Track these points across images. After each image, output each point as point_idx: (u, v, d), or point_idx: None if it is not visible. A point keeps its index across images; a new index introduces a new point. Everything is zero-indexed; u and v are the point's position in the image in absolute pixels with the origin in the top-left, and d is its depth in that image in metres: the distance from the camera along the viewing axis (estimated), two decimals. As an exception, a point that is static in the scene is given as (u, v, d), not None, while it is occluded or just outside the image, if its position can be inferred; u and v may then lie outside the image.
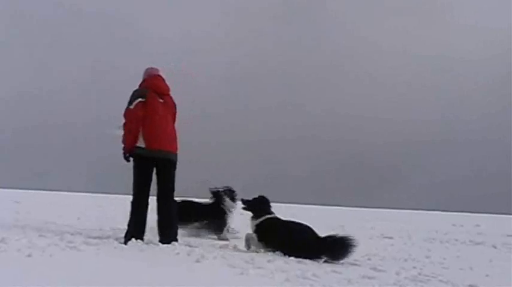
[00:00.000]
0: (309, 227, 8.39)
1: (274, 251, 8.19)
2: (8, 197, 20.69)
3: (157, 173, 8.78)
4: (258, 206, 8.95)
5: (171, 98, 9.06)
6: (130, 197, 8.66)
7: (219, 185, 11.84)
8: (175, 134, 8.95)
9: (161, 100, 8.80)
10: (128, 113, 8.66)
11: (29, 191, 28.43)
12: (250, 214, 8.99)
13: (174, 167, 8.89)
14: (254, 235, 8.67)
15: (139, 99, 8.66)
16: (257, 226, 8.71)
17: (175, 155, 8.87)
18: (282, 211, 9.27)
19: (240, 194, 10.92)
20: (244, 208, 9.19)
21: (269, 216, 8.78)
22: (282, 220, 8.75)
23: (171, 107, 8.99)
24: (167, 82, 9.10)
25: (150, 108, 8.64)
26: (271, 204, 8.97)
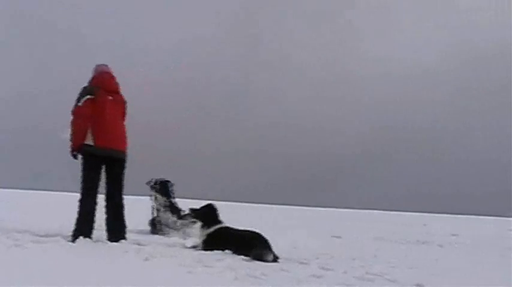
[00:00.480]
0: (260, 236, 8.34)
1: (223, 250, 8.17)
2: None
3: (106, 172, 8.71)
4: (208, 215, 8.87)
5: (121, 95, 8.97)
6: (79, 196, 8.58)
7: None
8: (124, 132, 8.88)
9: (110, 97, 8.71)
10: (76, 111, 8.53)
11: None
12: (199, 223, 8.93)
13: (124, 166, 8.83)
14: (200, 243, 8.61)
15: (88, 96, 8.54)
16: (208, 235, 8.63)
17: (125, 153, 8.80)
18: (236, 210, 9.27)
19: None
20: (192, 217, 9.11)
21: (220, 225, 8.72)
22: (234, 229, 8.68)
23: (120, 105, 8.90)
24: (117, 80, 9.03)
25: (99, 106, 8.54)
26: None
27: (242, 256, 7.74)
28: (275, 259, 7.74)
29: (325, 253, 9.11)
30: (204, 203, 9.12)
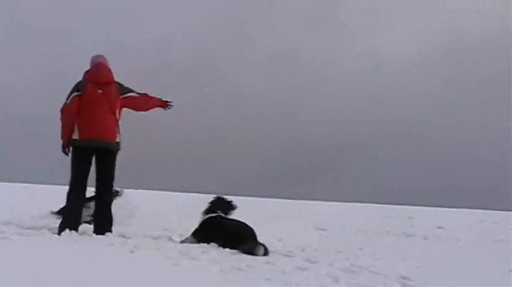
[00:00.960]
0: (250, 229, 8.39)
1: (208, 243, 8.19)
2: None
3: (95, 165, 8.74)
4: (210, 206, 8.99)
5: (114, 86, 8.85)
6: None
7: None
8: (112, 123, 8.74)
9: (100, 91, 8.68)
10: (63, 108, 8.67)
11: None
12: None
13: (112, 157, 8.80)
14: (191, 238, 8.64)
15: (75, 93, 8.66)
16: (200, 224, 8.72)
17: (112, 144, 8.74)
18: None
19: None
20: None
21: (210, 215, 8.79)
22: (221, 218, 8.72)
23: (111, 96, 8.75)
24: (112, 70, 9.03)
25: (86, 101, 8.61)
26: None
27: (228, 249, 7.76)
28: (266, 253, 7.76)
29: (310, 245, 9.12)
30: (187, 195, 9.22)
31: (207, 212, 8.87)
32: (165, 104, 9.22)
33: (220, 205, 9.00)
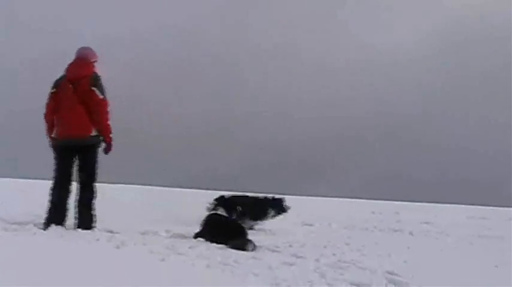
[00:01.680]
0: (240, 225, 8.49)
1: (195, 238, 8.21)
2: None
3: (77, 160, 8.76)
4: (215, 204, 9.22)
5: (87, 80, 8.75)
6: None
7: None
8: (84, 119, 8.65)
9: (71, 86, 8.67)
10: (46, 106, 8.91)
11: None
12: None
13: (90, 152, 8.77)
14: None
15: (51, 90, 8.88)
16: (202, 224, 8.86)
17: (86, 139, 8.73)
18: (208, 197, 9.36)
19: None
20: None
21: (210, 213, 8.95)
22: (218, 217, 8.85)
23: (83, 92, 8.69)
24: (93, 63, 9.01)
25: (60, 98, 8.77)
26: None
27: (215, 244, 7.77)
28: (254, 248, 7.79)
29: (297, 240, 9.14)
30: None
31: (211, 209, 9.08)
32: (108, 145, 8.91)
33: (223, 203, 9.17)
